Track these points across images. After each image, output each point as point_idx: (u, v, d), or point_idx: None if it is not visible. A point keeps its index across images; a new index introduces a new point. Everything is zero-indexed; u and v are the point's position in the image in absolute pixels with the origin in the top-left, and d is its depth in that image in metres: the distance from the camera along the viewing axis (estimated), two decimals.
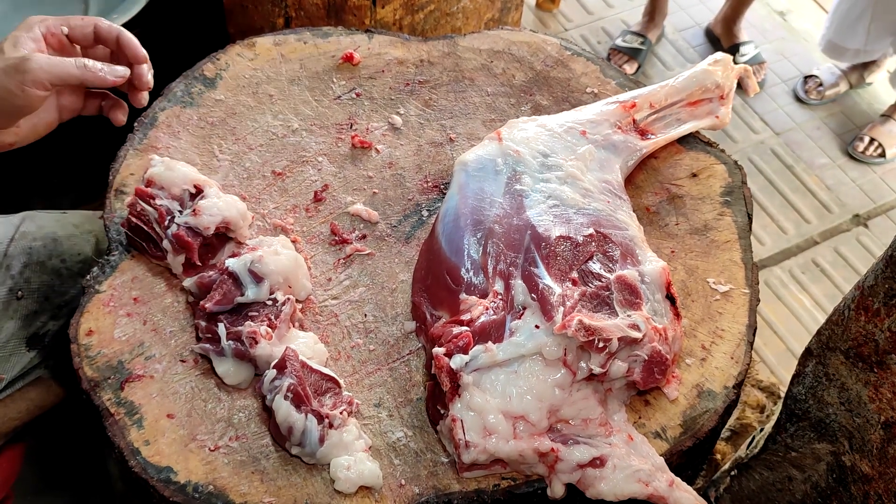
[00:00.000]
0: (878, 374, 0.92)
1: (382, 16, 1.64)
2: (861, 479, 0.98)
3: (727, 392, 0.97)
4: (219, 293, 0.97)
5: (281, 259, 0.99)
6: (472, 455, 0.86)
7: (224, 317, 0.96)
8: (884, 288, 0.88)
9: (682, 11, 2.95)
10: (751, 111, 2.66)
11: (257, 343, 0.93)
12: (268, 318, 0.96)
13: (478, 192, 1.06)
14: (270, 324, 0.95)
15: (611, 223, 1.01)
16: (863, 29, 2.51)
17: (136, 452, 0.90)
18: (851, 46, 2.57)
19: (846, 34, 2.55)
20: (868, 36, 2.52)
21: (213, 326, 0.96)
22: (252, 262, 0.97)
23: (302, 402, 0.89)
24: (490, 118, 1.24)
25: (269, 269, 0.98)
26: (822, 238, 2.38)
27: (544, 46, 1.33)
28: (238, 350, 0.94)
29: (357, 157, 1.18)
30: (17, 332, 1.14)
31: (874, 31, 2.50)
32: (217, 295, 0.97)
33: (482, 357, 0.89)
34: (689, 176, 1.18)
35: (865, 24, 2.50)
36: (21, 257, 1.16)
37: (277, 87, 1.24)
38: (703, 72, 1.21)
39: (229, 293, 0.97)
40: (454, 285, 0.99)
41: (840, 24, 2.55)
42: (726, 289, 1.06)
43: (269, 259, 0.98)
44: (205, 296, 0.98)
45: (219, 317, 0.96)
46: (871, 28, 2.50)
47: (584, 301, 0.92)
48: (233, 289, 0.97)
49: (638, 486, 0.86)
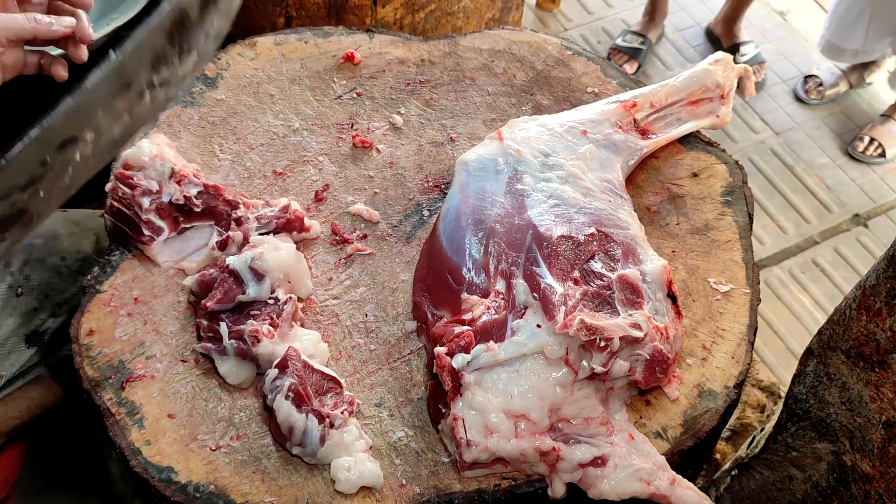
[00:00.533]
0: (879, 373, 0.92)
1: (383, 15, 1.64)
2: (862, 479, 0.98)
3: (728, 392, 0.97)
4: (220, 291, 0.97)
5: (281, 255, 0.99)
6: (474, 454, 0.86)
7: (226, 315, 0.96)
8: (885, 287, 0.88)
9: (683, 11, 2.95)
10: (751, 111, 2.66)
11: (259, 342, 0.93)
12: (270, 316, 0.96)
13: (479, 191, 1.06)
14: (272, 322, 0.95)
15: (612, 222, 1.01)
16: (861, 29, 2.51)
17: (137, 452, 0.90)
18: (850, 47, 2.57)
19: (845, 35, 2.55)
20: (866, 36, 2.52)
21: (215, 325, 0.96)
22: (252, 259, 0.97)
23: (303, 402, 0.89)
24: (491, 118, 1.24)
25: (270, 266, 0.98)
26: (822, 238, 2.38)
27: (545, 46, 1.33)
28: (240, 349, 0.94)
29: (358, 157, 1.18)
30: (17, 330, 1.14)
31: (872, 31, 2.50)
32: (218, 293, 0.97)
33: (484, 356, 0.89)
34: (689, 175, 1.18)
35: (864, 25, 2.50)
36: (21, 254, 1.16)
37: (278, 86, 1.24)
38: (703, 71, 1.21)
39: (230, 291, 0.97)
40: (455, 285, 0.99)
41: (838, 25, 2.55)
42: (727, 288, 1.06)
43: (270, 255, 0.98)
44: (206, 294, 0.98)
45: (220, 316, 0.96)
46: (870, 28, 2.50)
47: (586, 300, 0.92)
48: (234, 287, 0.97)
49: (639, 485, 0.86)
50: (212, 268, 1.01)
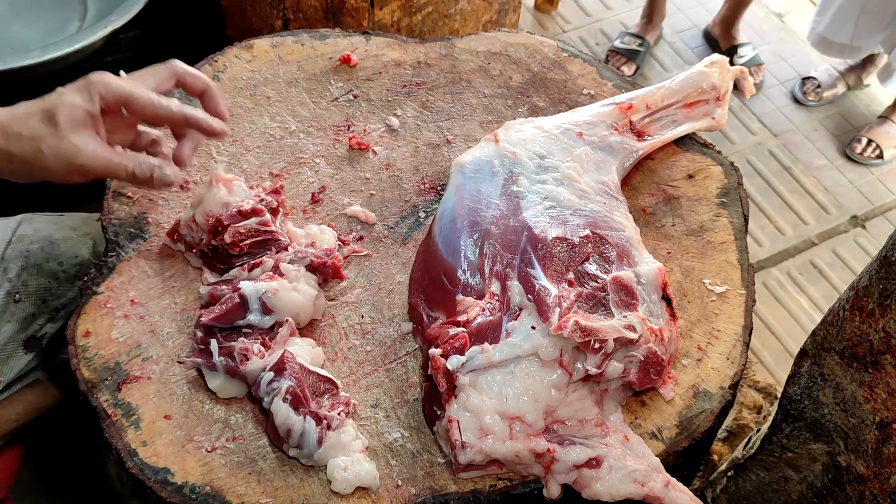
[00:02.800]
0: (872, 374, 0.92)
1: (380, 17, 1.65)
2: (856, 480, 0.99)
3: (723, 393, 0.98)
4: (219, 309, 0.95)
5: (296, 298, 0.96)
6: (469, 456, 0.87)
7: (218, 331, 0.95)
8: (878, 288, 0.88)
9: (681, 13, 2.96)
10: (749, 113, 2.67)
11: (248, 360, 0.91)
12: (262, 337, 0.94)
13: (474, 193, 1.06)
14: (264, 343, 0.93)
15: (607, 224, 1.01)
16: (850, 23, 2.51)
17: (133, 453, 0.90)
18: (839, 41, 2.56)
19: (834, 28, 2.55)
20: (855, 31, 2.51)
21: (207, 339, 0.94)
22: (266, 293, 0.94)
23: (301, 404, 0.89)
24: (487, 120, 1.24)
25: (281, 305, 0.95)
26: (820, 239, 2.38)
27: (541, 48, 1.33)
28: (229, 366, 0.92)
29: (354, 159, 1.19)
30: (15, 336, 1.14)
31: (862, 26, 2.50)
32: (217, 310, 0.95)
33: (478, 358, 0.89)
34: (685, 177, 1.18)
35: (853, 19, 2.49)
36: (18, 260, 1.16)
37: (275, 88, 1.24)
38: (699, 73, 1.21)
39: (231, 314, 0.95)
40: (451, 286, 0.99)
41: (829, 18, 2.55)
42: (722, 290, 1.06)
43: (284, 295, 0.95)
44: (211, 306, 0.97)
45: (213, 331, 0.95)
46: (860, 22, 2.49)
47: (581, 302, 0.93)
48: (237, 311, 0.95)
49: (634, 487, 0.87)
50: (227, 284, 0.98)
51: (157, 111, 0.94)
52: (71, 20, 1.72)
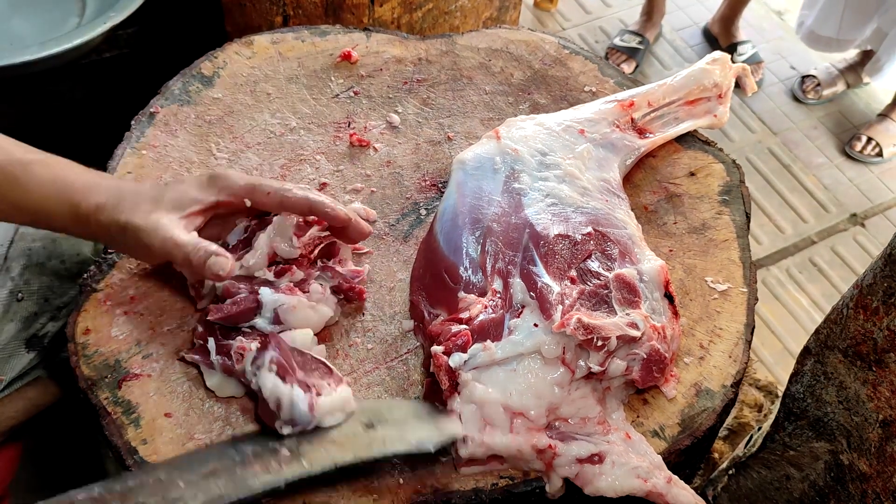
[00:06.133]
0: (876, 372, 0.92)
1: (381, 14, 1.64)
2: (859, 478, 0.98)
3: (725, 391, 0.97)
4: (227, 309, 0.92)
5: (311, 317, 0.94)
6: (470, 449, 0.86)
7: (218, 328, 0.93)
8: (882, 286, 0.88)
9: (680, 11, 2.96)
10: (748, 111, 2.67)
11: (244, 358, 0.89)
12: (261, 337, 0.92)
13: (476, 190, 1.06)
14: (263, 343, 0.91)
15: (609, 222, 1.01)
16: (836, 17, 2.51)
17: (133, 451, 0.90)
18: (825, 34, 2.57)
19: (820, 21, 2.55)
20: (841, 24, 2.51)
21: (207, 336, 0.93)
22: (283, 306, 0.92)
23: (287, 374, 0.85)
24: (488, 117, 1.24)
25: (294, 320, 0.93)
26: (820, 237, 2.38)
27: (542, 45, 1.32)
28: (225, 365, 0.91)
29: (355, 156, 1.18)
30: (17, 334, 1.14)
31: (847, 18, 2.50)
32: (227, 310, 0.92)
33: (481, 355, 0.89)
34: (687, 175, 1.18)
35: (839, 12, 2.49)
36: (21, 259, 1.16)
37: (275, 85, 1.24)
38: (700, 71, 1.21)
39: (240, 316, 0.92)
40: (452, 284, 0.99)
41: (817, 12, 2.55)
42: (724, 287, 1.06)
43: (301, 312, 0.93)
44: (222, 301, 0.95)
45: (214, 327, 0.93)
46: (845, 16, 2.49)
47: (583, 299, 0.92)
48: (247, 315, 0.93)
49: (637, 483, 0.86)
50: (244, 282, 0.95)
51: (285, 195, 0.94)
52: (70, 16, 1.72)
